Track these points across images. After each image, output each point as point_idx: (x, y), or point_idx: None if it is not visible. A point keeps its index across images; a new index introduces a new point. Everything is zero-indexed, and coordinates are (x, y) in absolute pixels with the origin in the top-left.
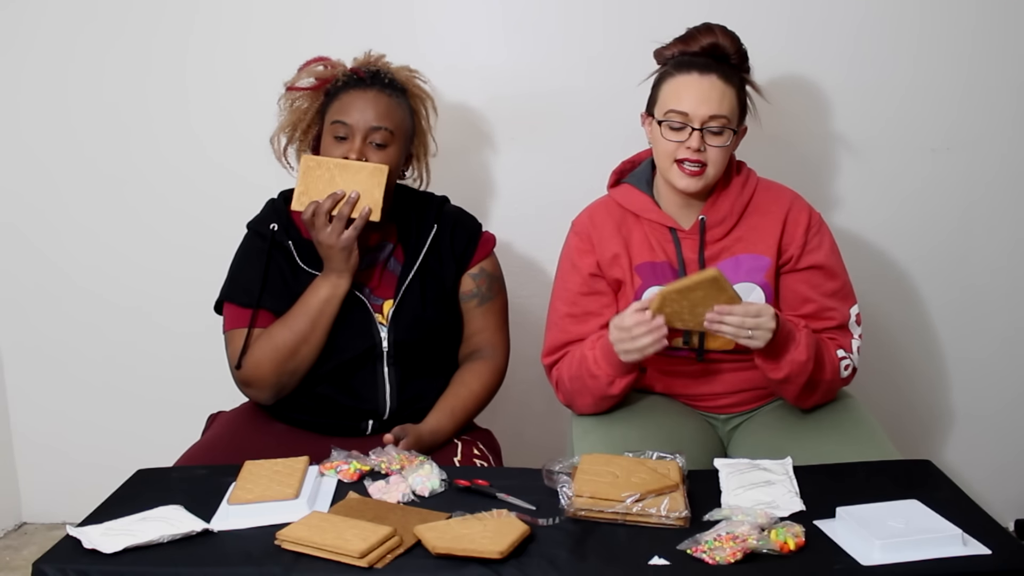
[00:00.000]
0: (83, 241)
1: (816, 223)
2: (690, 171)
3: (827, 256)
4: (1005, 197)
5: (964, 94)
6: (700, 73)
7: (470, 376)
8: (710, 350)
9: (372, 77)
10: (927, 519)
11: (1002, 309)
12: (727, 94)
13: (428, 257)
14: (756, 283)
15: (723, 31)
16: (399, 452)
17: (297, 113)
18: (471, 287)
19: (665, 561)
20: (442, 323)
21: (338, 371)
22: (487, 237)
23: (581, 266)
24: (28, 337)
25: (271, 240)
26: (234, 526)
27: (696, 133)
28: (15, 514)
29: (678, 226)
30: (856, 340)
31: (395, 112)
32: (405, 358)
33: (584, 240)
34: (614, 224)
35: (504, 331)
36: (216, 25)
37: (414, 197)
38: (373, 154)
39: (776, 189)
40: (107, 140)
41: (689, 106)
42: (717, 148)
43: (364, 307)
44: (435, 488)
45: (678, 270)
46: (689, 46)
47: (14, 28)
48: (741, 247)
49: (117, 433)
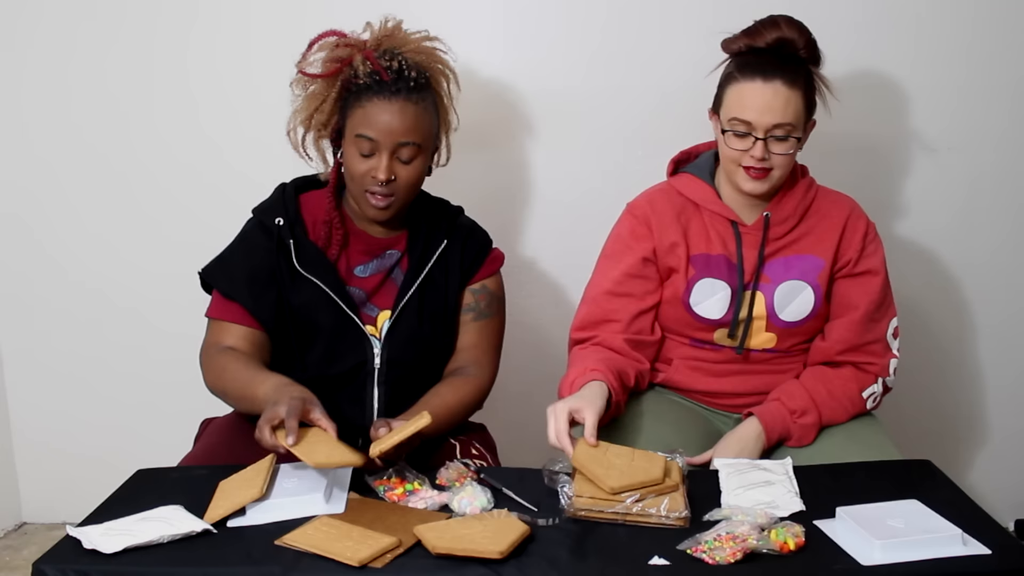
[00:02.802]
0: (84, 240)
1: (873, 232)
2: (756, 175)
3: (880, 264)
4: (1004, 196)
5: (963, 94)
6: (764, 80)
7: (447, 388)
8: (751, 349)
9: (396, 79)
10: (927, 519)
11: (1001, 309)
12: (792, 99)
13: (434, 270)
14: (809, 283)
15: (788, 23)
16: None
17: (314, 100)
18: (470, 301)
19: (665, 561)
20: (438, 341)
21: (324, 386)
22: (496, 255)
23: (636, 249)
24: (29, 337)
25: (276, 238)
26: (252, 522)
27: (760, 143)
28: (15, 514)
29: (740, 220)
30: (895, 359)
31: (423, 121)
32: (397, 376)
33: (642, 224)
34: (674, 212)
35: (494, 353)
36: (217, 15)
37: (429, 204)
38: (401, 169)
39: (835, 195)
40: (109, 134)
41: (753, 115)
42: (781, 155)
43: (354, 324)
44: (484, 506)
45: (736, 264)
46: (755, 40)
47: (16, 20)
48: (798, 247)
49: (117, 433)
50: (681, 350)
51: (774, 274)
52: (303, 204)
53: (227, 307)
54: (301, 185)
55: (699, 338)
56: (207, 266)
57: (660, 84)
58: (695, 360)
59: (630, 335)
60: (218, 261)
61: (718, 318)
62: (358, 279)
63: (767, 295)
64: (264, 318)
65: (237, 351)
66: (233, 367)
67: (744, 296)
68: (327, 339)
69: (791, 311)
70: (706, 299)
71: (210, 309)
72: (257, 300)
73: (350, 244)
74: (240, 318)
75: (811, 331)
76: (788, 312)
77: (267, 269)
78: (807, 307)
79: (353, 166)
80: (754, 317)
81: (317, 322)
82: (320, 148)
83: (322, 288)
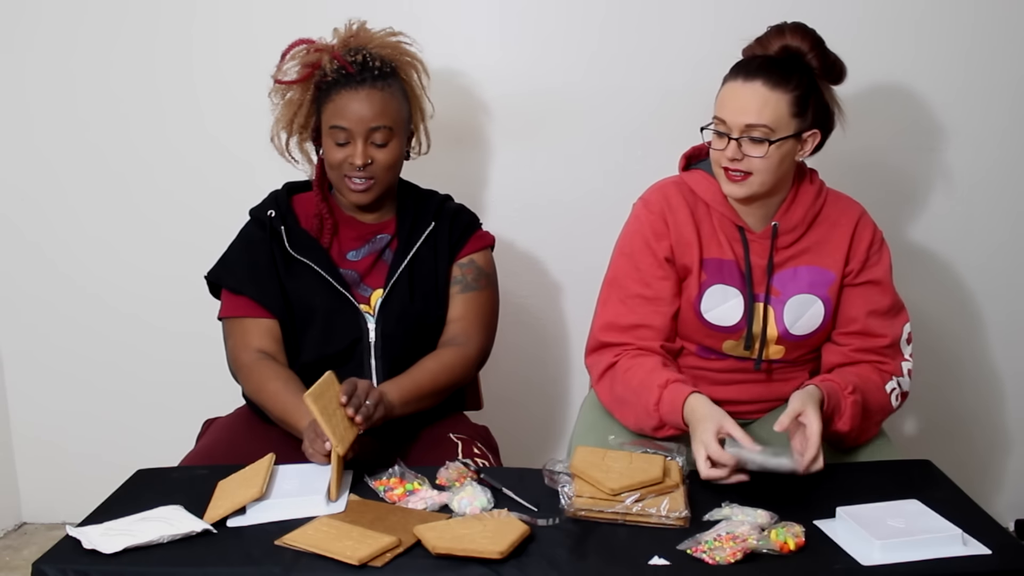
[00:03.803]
0: (86, 240)
1: (879, 240)
2: (732, 177)
3: (884, 273)
4: (1003, 196)
5: (962, 94)
6: (745, 79)
7: (429, 358)
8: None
9: (361, 70)
10: (927, 519)
11: (1001, 308)
12: (772, 101)
13: (423, 250)
14: (819, 296)
15: (794, 30)
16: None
17: (292, 106)
18: (457, 274)
19: (665, 561)
20: (430, 316)
21: (323, 366)
22: (483, 233)
23: (657, 249)
24: (28, 337)
25: (269, 228)
26: (252, 522)
27: (733, 143)
28: (15, 514)
29: (748, 227)
30: (907, 362)
31: (391, 105)
32: (393, 352)
33: (659, 220)
34: (688, 209)
35: (483, 325)
36: (218, 15)
37: (417, 193)
38: (377, 152)
39: (845, 201)
40: (111, 133)
41: (728, 114)
42: (757, 158)
43: (348, 302)
44: (484, 506)
45: (745, 273)
46: (764, 48)
47: (17, 21)
48: (807, 258)
49: (117, 433)
50: (687, 359)
51: (783, 286)
52: (295, 202)
53: (237, 303)
54: (293, 188)
55: (708, 346)
56: (211, 269)
57: (661, 84)
58: (701, 369)
59: (664, 341)
60: (221, 262)
61: (730, 326)
62: (351, 262)
63: (777, 311)
64: (272, 306)
65: (271, 360)
66: (273, 386)
67: (756, 308)
68: (323, 318)
69: (801, 325)
70: (717, 306)
71: (222, 310)
72: (263, 290)
73: (341, 231)
74: (252, 311)
75: (819, 341)
76: (799, 326)
77: (266, 259)
78: (817, 320)
79: (331, 156)
80: (767, 335)
81: (313, 303)
82: (304, 150)
83: (315, 269)
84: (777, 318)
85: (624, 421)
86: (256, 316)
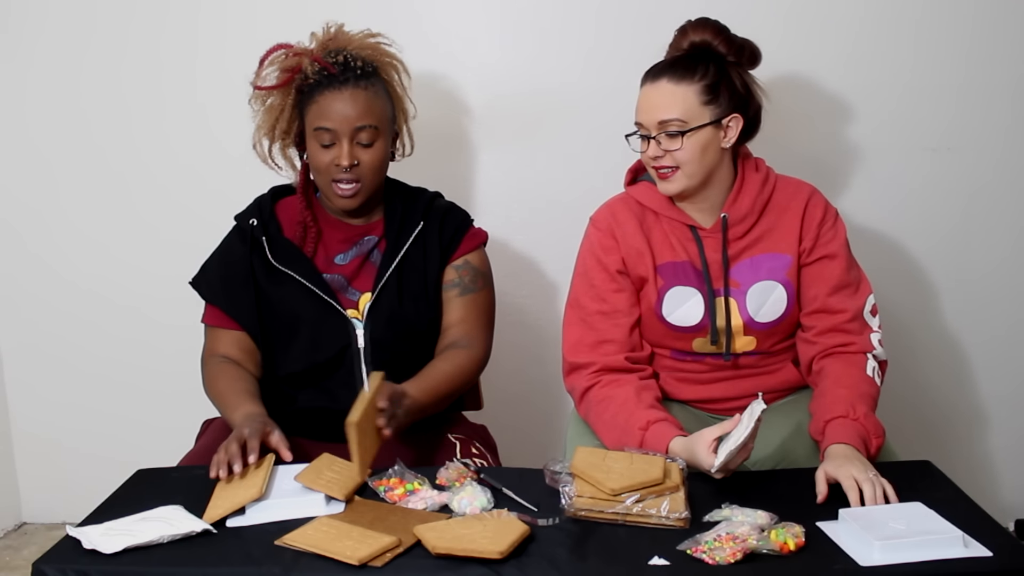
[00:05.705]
0: (86, 241)
1: (832, 216)
2: (661, 175)
3: (839, 247)
4: (1004, 196)
5: (962, 94)
6: (651, 82)
7: (440, 360)
8: (741, 352)
9: (344, 70)
10: (928, 520)
11: (1001, 309)
12: (679, 94)
13: (412, 251)
14: (779, 281)
15: (696, 25)
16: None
17: (273, 112)
18: (453, 277)
19: (665, 561)
20: (420, 320)
21: (313, 374)
22: (476, 231)
23: (608, 263)
24: (28, 336)
25: (251, 239)
26: (252, 522)
27: (652, 142)
28: (15, 514)
29: (698, 224)
30: (876, 333)
31: (375, 105)
32: (383, 357)
33: (607, 236)
34: (636, 221)
35: (485, 327)
36: (223, 16)
37: (405, 192)
38: (363, 153)
39: (795, 185)
40: (113, 133)
41: (643, 116)
42: (678, 151)
43: (334, 310)
44: (484, 506)
45: (701, 270)
46: (675, 50)
47: (22, 24)
48: (762, 246)
49: (117, 433)
50: (664, 362)
51: (743, 277)
52: (280, 208)
53: (211, 312)
54: (278, 192)
55: (679, 348)
56: (195, 276)
57: None
58: (679, 371)
59: (628, 352)
60: (201, 270)
61: (693, 325)
62: (338, 266)
63: (739, 301)
64: (243, 321)
65: (229, 362)
66: (221, 383)
67: (718, 303)
68: (310, 327)
69: (766, 312)
70: (678, 307)
71: (203, 315)
72: (234, 303)
73: (328, 235)
74: (223, 322)
75: (789, 328)
76: (763, 314)
77: (242, 271)
78: (781, 306)
79: (317, 159)
80: (732, 327)
81: (298, 313)
82: (288, 156)
83: (297, 279)
84: (740, 308)
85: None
86: (225, 327)
